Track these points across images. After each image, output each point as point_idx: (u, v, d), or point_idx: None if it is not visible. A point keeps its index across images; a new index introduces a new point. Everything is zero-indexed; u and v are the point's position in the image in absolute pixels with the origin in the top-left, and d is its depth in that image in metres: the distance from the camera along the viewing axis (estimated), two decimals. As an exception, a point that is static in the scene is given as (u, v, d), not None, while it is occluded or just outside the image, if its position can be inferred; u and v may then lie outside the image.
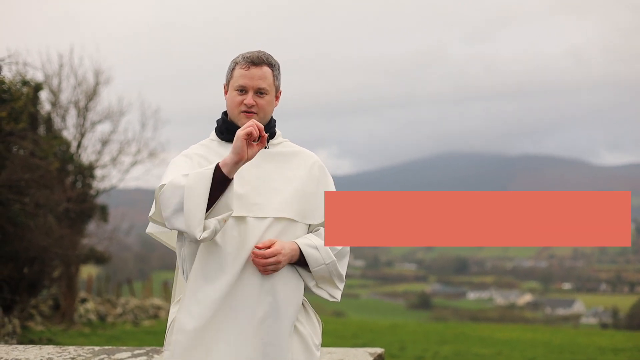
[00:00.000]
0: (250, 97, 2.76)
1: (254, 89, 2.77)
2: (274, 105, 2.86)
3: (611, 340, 18.23)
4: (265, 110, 2.80)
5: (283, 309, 2.67)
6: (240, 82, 2.77)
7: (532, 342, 17.22)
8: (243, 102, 2.77)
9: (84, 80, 18.31)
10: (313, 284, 2.76)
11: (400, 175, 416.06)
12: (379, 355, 4.22)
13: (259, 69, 2.77)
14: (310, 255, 2.71)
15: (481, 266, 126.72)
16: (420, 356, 13.66)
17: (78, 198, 16.68)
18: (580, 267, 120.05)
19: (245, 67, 2.77)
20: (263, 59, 2.79)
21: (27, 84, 12.79)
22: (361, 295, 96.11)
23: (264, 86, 2.77)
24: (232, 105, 2.80)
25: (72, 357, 4.08)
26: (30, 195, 11.88)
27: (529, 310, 77.09)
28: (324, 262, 2.73)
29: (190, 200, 2.51)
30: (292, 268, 2.73)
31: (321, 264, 2.72)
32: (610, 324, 49.91)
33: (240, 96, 2.78)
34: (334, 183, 2.96)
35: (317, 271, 2.72)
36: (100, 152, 18.85)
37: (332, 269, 2.75)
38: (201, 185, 2.51)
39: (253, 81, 2.76)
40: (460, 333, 20.35)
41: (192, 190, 2.51)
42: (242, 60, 2.79)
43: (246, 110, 2.77)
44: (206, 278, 2.66)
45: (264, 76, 2.77)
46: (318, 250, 2.72)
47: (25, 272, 13.77)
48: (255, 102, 2.76)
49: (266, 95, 2.79)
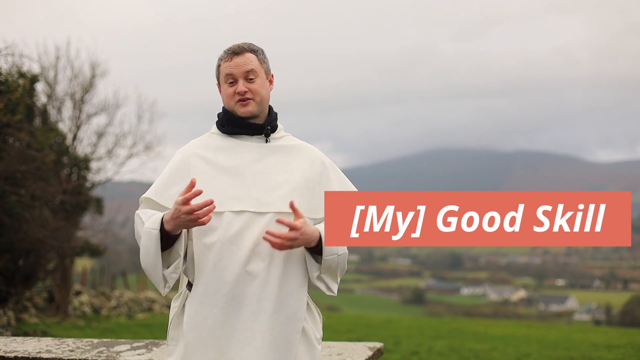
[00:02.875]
0: (241, 85, 2.76)
1: (242, 75, 2.76)
2: (268, 88, 2.85)
3: (605, 336, 18.29)
4: (261, 94, 2.79)
5: (289, 303, 2.68)
6: (227, 71, 2.77)
7: (526, 338, 17.27)
8: (236, 92, 2.77)
9: (80, 72, 18.31)
10: (317, 274, 2.75)
11: (394, 170, 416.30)
12: (378, 350, 4.23)
13: (241, 56, 2.77)
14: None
15: (475, 262, 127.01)
16: (414, 351, 13.70)
17: (73, 190, 16.67)
18: (573, 263, 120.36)
19: (228, 59, 2.78)
20: (244, 46, 2.80)
21: (23, 75, 12.76)
22: (355, 290, 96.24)
23: (250, 69, 2.76)
24: (227, 98, 2.80)
25: (71, 350, 4.08)
26: (26, 187, 11.87)
27: (522, 306, 77.29)
28: (337, 252, 2.73)
29: (146, 261, 2.64)
30: (300, 262, 2.73)
31: (334, 253, 2.72)
32: (603, 321, 50.11)
33: (232, 87, 2.78)
34: (342, 173, 2.95)
35: (327, 260, 2.71)
36: (95, 144, 18.86)
37: (340, 262, 2.76)
38: (152, 246, 2.61)
39: (239, 68, 2.76)
40: (454, 328, 20.40)
41: (146, 249, 2.63)
42: (224, 54, 2.81)
43: (241, 99, 2.76)
44: (210, 274, 2.66)
45: (248, 61, 2.77)
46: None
47: (20, 264, 13.77)
48: (248, 88, 2.76)
49: (256, 78, 2.78)
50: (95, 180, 18.91)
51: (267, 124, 2.82)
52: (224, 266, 2.64)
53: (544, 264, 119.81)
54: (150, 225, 2.62)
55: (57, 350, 4.05)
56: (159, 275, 2.65)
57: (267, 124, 2.82)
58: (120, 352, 4.07)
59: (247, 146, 2.80)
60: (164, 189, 2.77)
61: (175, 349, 2.74)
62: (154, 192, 2.77)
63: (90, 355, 3.97)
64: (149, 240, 2.61)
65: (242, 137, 2.82)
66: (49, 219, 14.08)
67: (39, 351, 4.01)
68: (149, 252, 2.62)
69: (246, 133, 2.82)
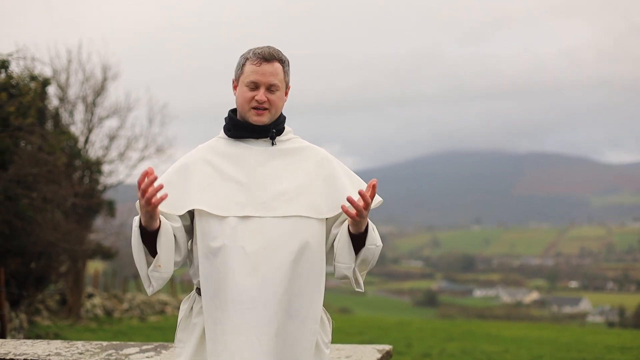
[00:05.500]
0: (261, 93, 2.71)
1: (265, 85, 2.72)
2: (284, 100, 2.81)
3: (618, 338, 18.17)
4: (277, 106, 2.76)
5: (301, 306, 2.65)
6: (252, 78, 2.72)
7: (539, 340, 17.18)
8: (254, 98, 2.72)
9: (91, 75, 18.36)
10: (353, 265, 2.71)
11: (405, 173, 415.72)
12: (387, 352, 4.20)
13: (270, 65, 2.72)
14: (370, 231, 2.68)
15: (488, 264, 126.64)
16: (426, 353, 13.64)
17: (85, 193, 16.70)
18: (587, 265, 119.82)
19: (257, 63, 2.72)
20: (274, 54, 2.75)
21: (35, 79, 12.81)
22: (367, 292, 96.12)
23: (275, 82, 2.72)
24: (243, 102, 2.75)
25: (80, 352, 4.07)
26: (38, 190, 11.91)
27: (535, 308, 76.89)
28: (376, 243, 2.71)
29: (135, 259, 2.67)
30: (313, 264, 2.68)
31: (374, 244, 2.69)
32: (616, 323, 49.74)
33: (252, 92, 2.73)
34: (351, 171, 2.89)
35: (367, 250, 2.68)
36: (107, 147, 18.90)
37: (376, 254, 2.73)
38: (135, 243, 2.64)
39: (265, 77, 2.71)
40: (466, 330, 20.31)
41: (133, 248, 2.66)
42: (253, 56, 2.74)
43: (257, 107, 2.73)
44: (217, 279, 2.63)
45: (276, 72, 2.73)
46: (375, 232, 2.72)
47: (32, 267, 13.81)
48: (267, 98, 2.72)
49: (277, 91, 2.74)
50: (107, 183, 18.97)
51: (272, 127, 2.78)
52: (231, 271, 2.62)
53: (557, 265, 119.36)
54: (134, 224, 2.64)
55: (66, 353, 4.05)
56: (144, 274, 2.66)
57: (272, 126, 2.78)
58: (129, 354, 4.06)
59: (253, 150, 2.77)
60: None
61: (183, 351, 2.72)
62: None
63: (99, 358, 3.96)
64: (133, 238, 2.64)
65: (248, 140, 2.79)
66: (60, 222, 14.13)
67: (48, 354, 4.01)
68: (134, 249, 2.65)
69: (252, 136, 2.79)
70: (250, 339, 2.59)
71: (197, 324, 2.71)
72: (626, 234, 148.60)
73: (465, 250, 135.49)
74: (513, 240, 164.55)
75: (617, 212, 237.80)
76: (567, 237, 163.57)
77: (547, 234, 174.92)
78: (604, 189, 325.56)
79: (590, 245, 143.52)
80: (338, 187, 2.77)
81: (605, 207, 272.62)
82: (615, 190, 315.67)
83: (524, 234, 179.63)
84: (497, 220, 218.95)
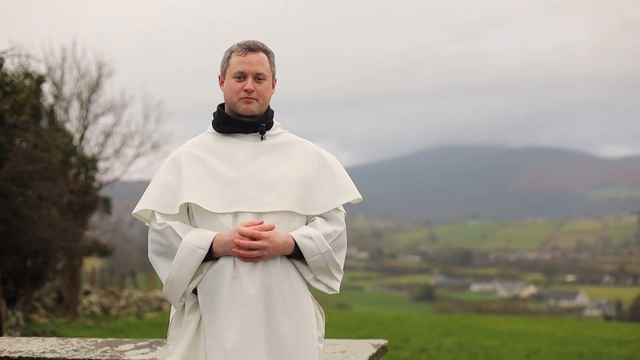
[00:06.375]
0: (249, 83, 2.72)
1: (252, 74, 2.73)
2: (271, 91, 2.82)
3: (615, 332, 18.21)
4: (265, 96, 2.77)
5: (295, 301, 2.66)
6: (239, 68, 2.73)
7: (536, 334, 17.21)
8: (243, 89, 2.73)
9: (86, 72, 18.28)
10: (311, 277, 2.72)
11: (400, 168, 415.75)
12: (382, 347, 4.20)
13: (256, 54, 2.74)
14: (304, 245, 2.66)
15: (485, 258, 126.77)
16: (424, 348, 13.66)
17: (81, 190, 16.66)
18: (583, 259, 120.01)
19: (243, 54, 2.74)
20: (259, 45, 2.77)
21: (29, 76, 12.77)
22: (365, 288, 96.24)
23: (262, 71, 2.74)
24: (231, 93, 2.76)
25: (75, 349, 4.07)
26: (33, 188, 11.88)
27: (532, 302, 77.06)
28: (320, 251, 2.68)
29: (179, 275, 2.63)
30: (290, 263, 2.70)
31: (317, 253, 2.68)
32: (613, 316, 49.85)
33: (239, 83, 2.74)
34: (341, 167, 2.89)
35: (313, 261, 2.68)
36: (103, 144, 18.84)
37: (328, 259, 2.71)
38: (192, 262, 2.61)
39: (252, 66, 2.73)
40: (464, 325, 20.34)
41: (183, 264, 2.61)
42: (238, 47, 2.77)
43: (246, 97, 2.73)
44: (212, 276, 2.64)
45: (262, 61, 2.75)
46: (313, 240, 2.67)
47: (28, 265, 13.79)
48: (255, 88, 2.73)
49: (264, 80, 2.76)
50: (103, 180, 18.91)
51: (262, 121, 2.78)
52: (224, 268, 2.62)
53: (554, 259, 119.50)
54: (196, 243, 2.61)
55: (61, 350, 4.04)
56: (183, 290, 2.65)
57: (262, 121, 2.78)
58: (124, 351, 4.05)
59: (242, 145, 2.76)
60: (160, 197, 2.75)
61: (175, 348, 2.71)
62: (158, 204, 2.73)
63: (94, 354, 3.95)
64: (189, 256, 2.60)
65: (237, 135, 2.79)
66: (56, 219, 14.10)
67: (43, 351, 4.00)
68: (187, 267, 2.61)
69: (241, 131, 2.78)
70: (245, 335, 2.59)
71: (189, 321, 2.70)
72: (622, 227, 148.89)
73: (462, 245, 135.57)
74: (510, 235, 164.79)
75: (613, 206, 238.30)
76: (564, 231, 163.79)
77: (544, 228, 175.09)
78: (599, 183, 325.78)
79: (587, 239, 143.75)
80: (325, 183, 2.79)
81: (601, 201, 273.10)
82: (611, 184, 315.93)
83: (520, 228, 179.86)
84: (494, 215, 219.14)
